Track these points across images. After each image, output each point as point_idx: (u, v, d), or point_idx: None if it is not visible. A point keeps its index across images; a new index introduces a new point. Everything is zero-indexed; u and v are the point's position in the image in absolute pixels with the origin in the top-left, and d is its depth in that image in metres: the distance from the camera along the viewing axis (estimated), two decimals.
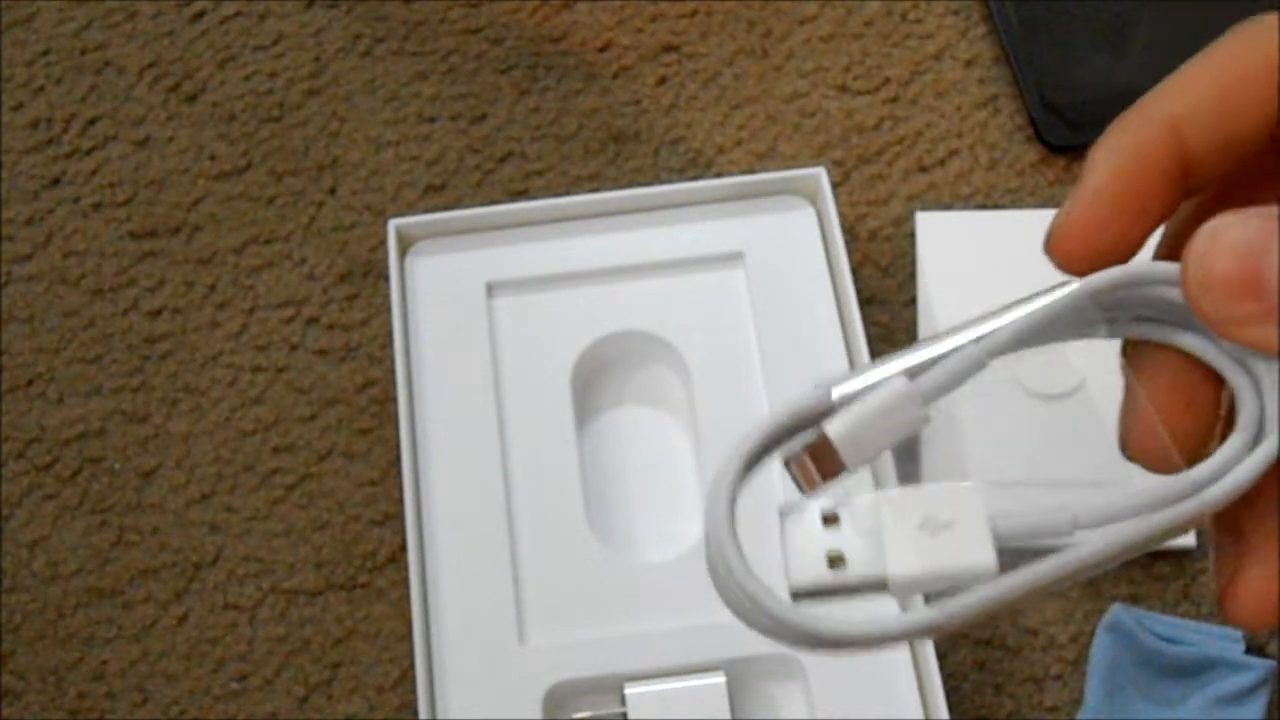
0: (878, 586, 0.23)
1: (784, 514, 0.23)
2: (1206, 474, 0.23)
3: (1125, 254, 0.24)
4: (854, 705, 0.48)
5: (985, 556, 0.22)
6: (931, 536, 0.23)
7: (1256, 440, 0.23)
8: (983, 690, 0.52)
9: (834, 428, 0.23)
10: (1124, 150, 0.23)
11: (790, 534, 0.23)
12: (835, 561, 0.23)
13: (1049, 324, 0.23)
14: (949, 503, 0.23)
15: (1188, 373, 0.24)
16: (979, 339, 0.23)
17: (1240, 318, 0.21)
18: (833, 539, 0.23)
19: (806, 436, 0.23)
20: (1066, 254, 0.23)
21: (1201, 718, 0.50)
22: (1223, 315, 0.21)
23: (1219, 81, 0.23)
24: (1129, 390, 0.25)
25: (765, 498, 0.24)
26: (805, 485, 0.23)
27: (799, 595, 0.23)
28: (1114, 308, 0.24)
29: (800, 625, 0.22)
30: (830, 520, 0.23)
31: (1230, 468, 0.23)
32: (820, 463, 0.23)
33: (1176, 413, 0.24)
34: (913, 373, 0.23)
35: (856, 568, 0.23)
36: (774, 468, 0.24)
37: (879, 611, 0.23)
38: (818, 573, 0.23)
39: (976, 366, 0.23)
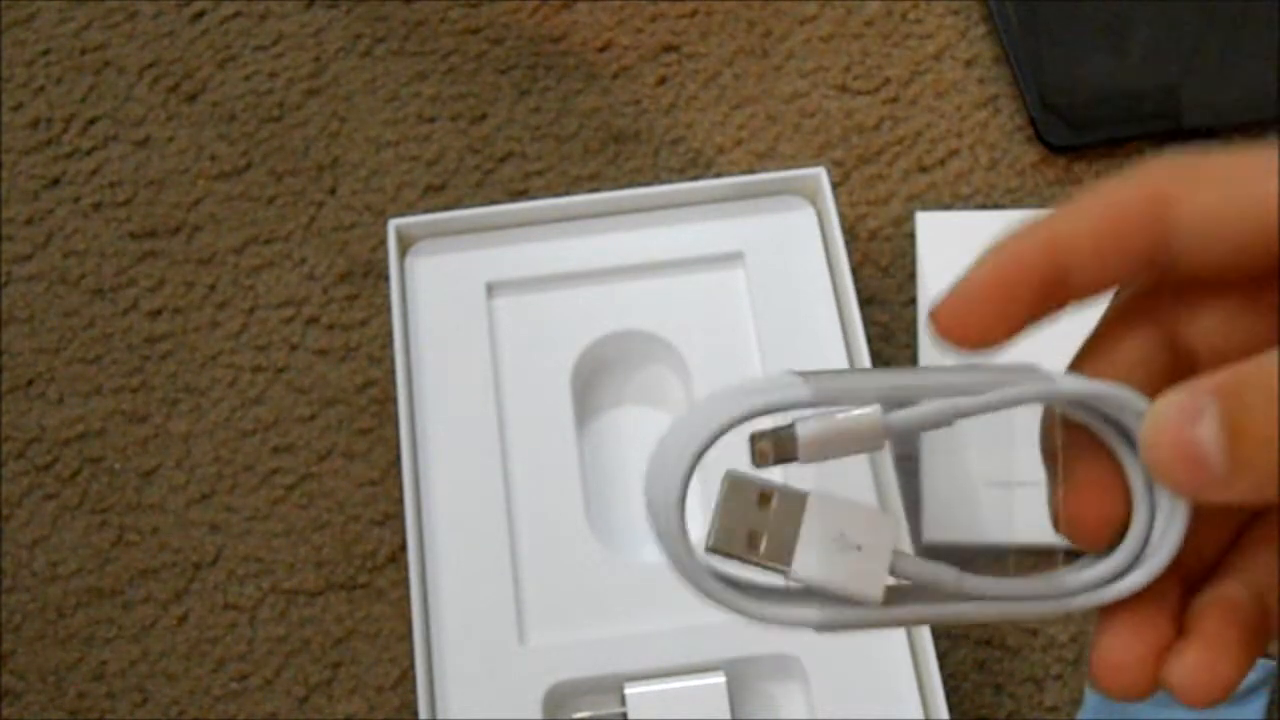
0: (778, 572, 0.26)
1: (728, 478, 0.26)
2: (1079, 584, 0.26)
3: (995, 340, 0.26)
4: (854, 705, 0.48)
5: (874, 590, 0.25)
6: (839, 552, 0.25)
7: (1135, 560, 0.26)
8: (983, 690, 0.52)
9: (803, 429, 0.25)
10: (1006, 253, 0.27)
11: (727, 499, 0.26)
12: (753, 538, 0.26)
13: (1019, 404, 0.26)
14: (867, 528, 0.26)
15: (1111, 463, 0.27)
16: (954, 398, 0.26)
17: (1187, 486, 0.24)
18: (758, 519, 0.26)
19: (777, 421, 0.25)
20: (940, 329, 0.26)
21: (1201, 717, 0.50)
22: (1173, 483, 0.24)
23: (1099, 212, 0.26)
24: (1064, 468, 0.27)
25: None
26: (758, 459, 0.26)
27: (711, 552, 0.26)
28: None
29: (701, 581, 0.25)
30: (764, 498, 0.26)
31: (1103, 584, 0.26)
32: (779, 449, 0.25)
33: (1102, 497, 0.27)
34: (889, 402, 0.26)
35: (767, 551, 0.25)
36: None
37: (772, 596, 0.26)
38: (735, 544, 0.26)
39: (943, 423, 0.26)
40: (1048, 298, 0.26)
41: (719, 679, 0.48)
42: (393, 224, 0.56)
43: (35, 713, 0.53)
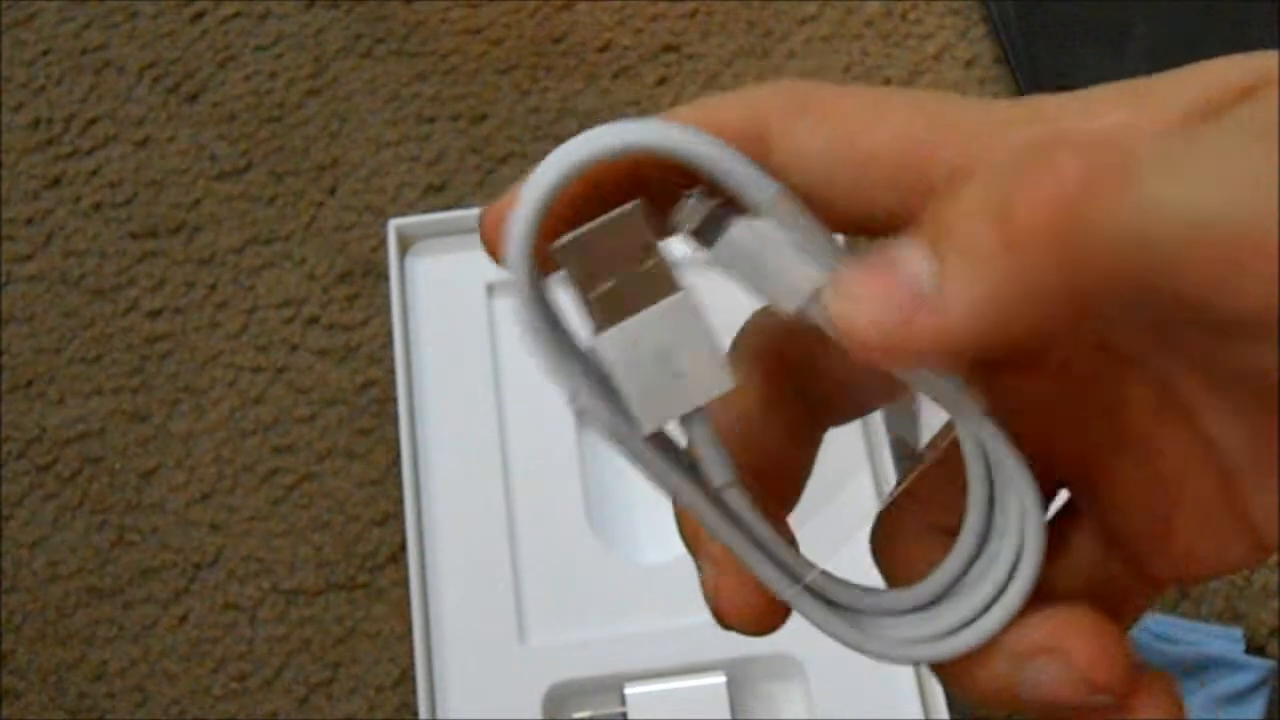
0: (590, 325, 0.22)
1: (639, 204, 0.21)
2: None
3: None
4: (854, 705, 0.48)
5: (647, 422, 0.22)
6: (653, 362, 0.21)
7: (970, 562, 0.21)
8: None
9: (741, 226, 0.21)
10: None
11: (616, 221, 0.21)
12: (601, 276, 0.21)
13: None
14: (701, 367, 0.21)
15: None
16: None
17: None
18: (624, 264, 0.21)
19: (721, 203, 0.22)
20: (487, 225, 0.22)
21: (1201, 717, 0.50)
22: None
23: (694, 122, 0.22)
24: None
25: None
26: (677, 213, 0.22)
27: (554, 251, 0.22)
28: None
29: (529, 308, 0.22)
30: (647, 252, 0.21)
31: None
32: (703, 224, 0.22)
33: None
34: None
35: (598, 299, 0.21)
36: None
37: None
38: (582, 266, 0.22)
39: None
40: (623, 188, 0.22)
41: (719, 679, 0.48)
42: (393, 224, 0.56)
43: (35, 713, 0.53)
